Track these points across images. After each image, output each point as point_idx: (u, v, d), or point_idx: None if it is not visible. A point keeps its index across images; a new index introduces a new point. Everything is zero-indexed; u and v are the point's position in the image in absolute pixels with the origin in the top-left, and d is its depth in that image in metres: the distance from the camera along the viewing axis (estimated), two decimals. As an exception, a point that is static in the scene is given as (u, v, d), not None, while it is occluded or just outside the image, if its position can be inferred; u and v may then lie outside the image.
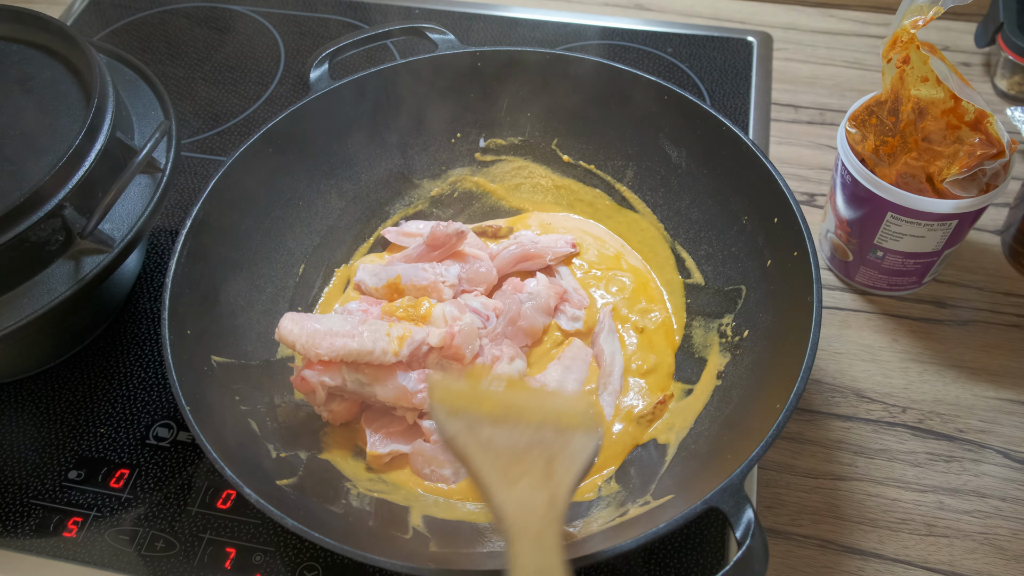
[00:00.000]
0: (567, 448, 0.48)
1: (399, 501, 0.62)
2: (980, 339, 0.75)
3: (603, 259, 0.76)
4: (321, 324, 0.62)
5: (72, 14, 1.06)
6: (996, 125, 0.64)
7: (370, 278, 0.72)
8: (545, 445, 0.47)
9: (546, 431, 0.48)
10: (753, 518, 0.49)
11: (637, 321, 0.72)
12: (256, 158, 0.71)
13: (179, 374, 0.58)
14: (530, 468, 0.46)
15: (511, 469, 0.45)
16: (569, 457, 0.47)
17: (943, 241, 0.70)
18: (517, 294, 0.71)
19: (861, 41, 1.02)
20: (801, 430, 0.70)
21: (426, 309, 0.66)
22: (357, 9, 1.06)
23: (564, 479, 0.46)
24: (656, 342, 0.71)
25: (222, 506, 0.65)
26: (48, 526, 0.65)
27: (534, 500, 0.44)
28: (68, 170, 0.61)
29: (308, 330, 0.62)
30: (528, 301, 0.70)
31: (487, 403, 0.49)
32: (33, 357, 0.72)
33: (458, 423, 0.48)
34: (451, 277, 0.71)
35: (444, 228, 0.72)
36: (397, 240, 0.78)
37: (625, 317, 0.72)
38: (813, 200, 0.86)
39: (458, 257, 0.73)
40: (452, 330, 0.64)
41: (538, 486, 0.45)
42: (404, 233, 0.78)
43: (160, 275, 0.80)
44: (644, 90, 0.74)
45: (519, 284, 0.72)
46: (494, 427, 0.48)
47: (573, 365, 0.69)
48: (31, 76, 0.69)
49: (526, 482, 0.45)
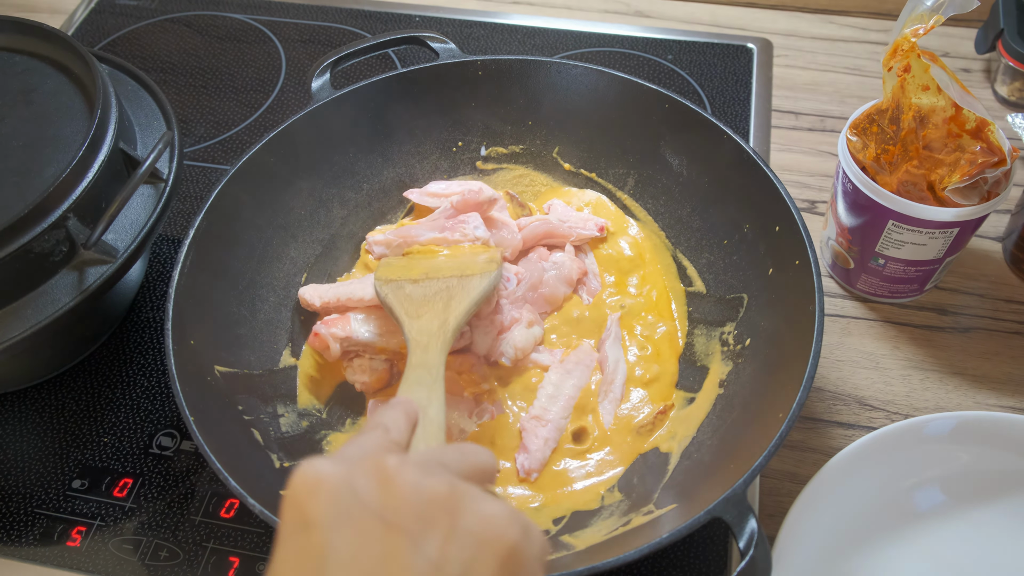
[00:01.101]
0: (464, 289, 0.62)
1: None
2: (982, 346, 0.75)
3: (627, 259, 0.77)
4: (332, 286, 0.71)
5: (73, 24, 1.07)
6: (997, 133, 0.64)
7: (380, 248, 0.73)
8: (448, 290, 0.62)
9: (452, 280, 0.63)
10: (756, 528, 0.49)
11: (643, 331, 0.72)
12: (258, 168, 0.71)
13: (182, 383, 0.58)
14: (433, 307, 0.60)
15: (419, 309, 0.60)
16: (464, 294, 0.61)
17: (944, 249, 0.70)
18: (542, 262, 0.72)
19: (862, 48, 1.02)
20: (803, 438, 0.70)
21: None
22: (358, 18, 1.06)
23: (457, 308, 0.60)
24: (661, 351, 0.71)
25: (225, 515, 0.65)
26: (52, 535, 0.65)
27: (431, 324, 0.58)
28: (71, 181, 0.62)
29: (321, 288, 0.71)
30: (552, 270, 0.71)
31: (413, 271, 0.65)
32: (37, 367, 0.73)
33: (389, 287, 0.63)
34: (481, 233, 0.70)
35: (476, 194, 0.72)
36: (421, 200, 0.78)
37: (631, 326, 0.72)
38: (814, 207, 0.86)
39: (486, 223, 0.73)
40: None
41: (436, 316, 0.59)
42: (429, 193, 0.78)
43: (163, 285, 0.80)
44: (645, 98, 0.75)
45: (545, 253, 0.73)
46: (414, 285, 0.63)
47: (575, 370, 0.69)
48: (33, 87, 0.69)
49: (428, 315, 0.59)
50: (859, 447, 0.63)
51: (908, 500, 0.64)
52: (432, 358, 0.55)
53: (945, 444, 0.65)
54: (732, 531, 0.49)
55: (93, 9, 1.08)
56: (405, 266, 0.67)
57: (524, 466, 0.64)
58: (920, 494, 0.64)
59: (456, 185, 0.78)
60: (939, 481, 0.65)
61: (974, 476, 0.65)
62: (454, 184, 0.79)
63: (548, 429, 0.65)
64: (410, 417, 0.45)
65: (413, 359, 0.55)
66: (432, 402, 0.49)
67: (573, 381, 0.68)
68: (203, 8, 1.08)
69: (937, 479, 0.65)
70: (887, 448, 0.64)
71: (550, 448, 0.65)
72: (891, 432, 0.64)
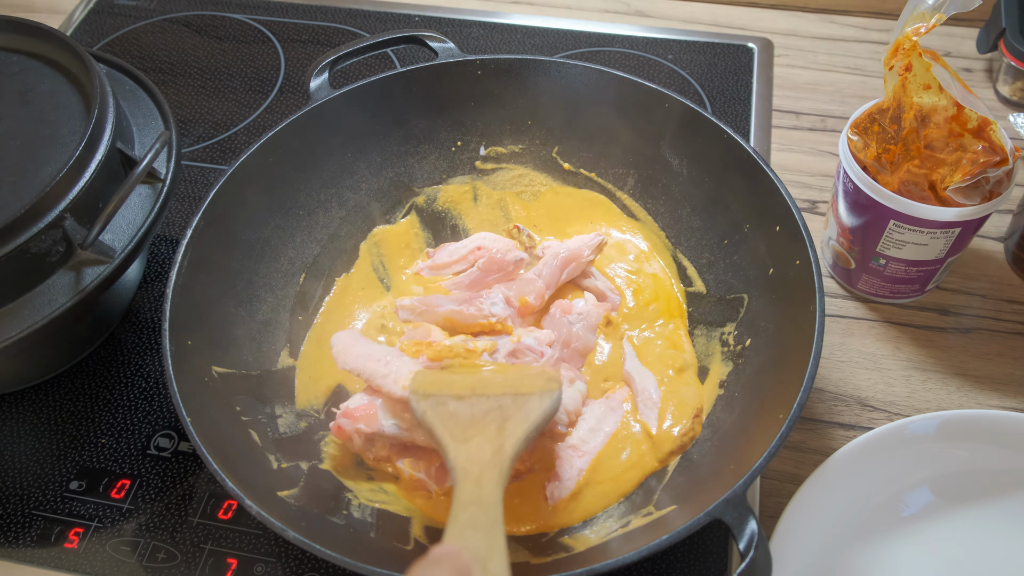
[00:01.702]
0: (522, 410, 0.53)
1: (400, 512, 0.62)
2: (984, 347, 0.75)
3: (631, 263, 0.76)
4: (364, 346, 0.64)
5: (72, 24, 1.06)
6: (999, 133, 0.64)
7: (405, 313, 0.70)
8: (502, 410, 0.53)
9: (505, 399, 0.54)
10: (756, 530, 0.49)
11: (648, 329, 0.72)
12: (256, 167, 0.70)
13: (180, 384, 0.58)
14: (484, 429, 0.51)
15: (467, 431, 0.51)
16: (523, 416, 0.53)
17: (946, 249, 0.69)
18: (566, 316, 0.70)
19: (862, 47, 1.02)
20: (804, 439, 0.70)
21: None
22: (357, 17, 1.06)
23: (514, 433, 0.51)
24: (675, 341, 0.71)
25: (223, 516, 0.65)
26: (49, 537, 0.65)
27: (483, 451, 0.49)
28: (68, 181, 0.61)
29: (348, 344, 0.65)
30: (578, 323, 0.70)
31: (455, 386, 0.56)
32: (34, 368, 0.72)
33: (428, 403, 0.55)
34: (499, 311, 0.68)
35: (503, 254, 0.71)
36: (432, 276, 0.76)
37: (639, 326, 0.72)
38: (815, 207, 0.86)
39: (506, 278, 0.72)
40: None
41: (488, 441, 0.50)
42: (437, 266, 0.76)
43: (161, 285, 0.80)
44: (645, 98, 0.74)
45: (567, 306, 0.71)
46: (458, 402, 0.54)
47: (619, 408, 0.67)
48: (31, 87, 0.69)
49: (478, 439, 0.50)
50: (851, 449, 0.63)
51: (899, 501, 0.64)
52: (487, 493, 0.46)
53: (932, 444, 0.65)
54: (732, 533, 0.49)
55: (92, 9, 1.08)
56: (446, 380, 0.58)
57: (553, 495, 0.62)
58: (911, 495, 0.64)
59: (462, 246, 0.76)
60: (929, 481, 0.65)
61: (964, 475, 0.65)
62: (460, 245, 0.76)
63: (584, 460, 0.64)
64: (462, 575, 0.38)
65: (463, 494, 0.46)
66: (493, 553, 0.40)
67: (615, 417, 0.67)
68: (202, 8, 1.08)
69: (927, 479, 0.65)
70: (877, 450, 0.64)
71: (580, 477, 0.63)
72: (878, 435, 0.64)
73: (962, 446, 0.65)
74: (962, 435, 0.65)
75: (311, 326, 0.73)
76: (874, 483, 0.64)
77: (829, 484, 0.62)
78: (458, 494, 0.46)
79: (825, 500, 0.62)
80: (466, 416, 0.53)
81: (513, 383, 0.57)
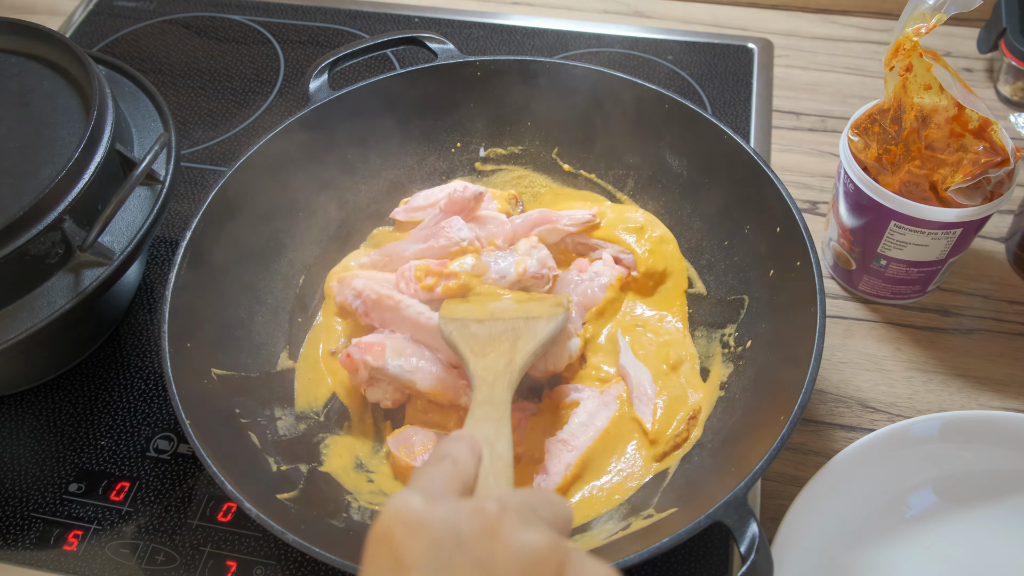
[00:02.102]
0: (531, 330, 0.62)
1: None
2: (985, 348, 0.75)
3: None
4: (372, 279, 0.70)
5: (71, 25, 1.06)
6: (1000, 133, 0.64)
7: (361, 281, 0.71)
8: (515, 330, 0.62)
9: (518, 322, 0.63)
10: (758, 532, 0.48)
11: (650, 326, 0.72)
12: (255, 169, 0.70)
13: (179, 386, 0.58)
14: (499, 346, 0.60)
15: (484, 348, 0.60)
16: (532, 335, 0.61)
17: (947, 249, 0.69)
18: (582, 274, 0.72)
19: (863, 47, 1.02)
20: (805, 440, 0.70)
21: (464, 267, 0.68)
22: (356, 19, 1.06)
23: (524, 349, 0.60)
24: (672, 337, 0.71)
25: (223, 519, 0.65)
26: (48, 539, 0.65)
27: (497, 363, 0.58)
28: (67, 183, 0.61)
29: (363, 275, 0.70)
30: (590, 280, 0.71)
31: (476, 312, 0.65)
32: (33, 370, 0.72)
33: (454, 325, 0.63)
34: (466, 233, 0.70)
35: (462, 192, 0.71)
36: (408, 217, 0.77)
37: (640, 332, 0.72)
38: (815, 208, 0.86)
39: (474, 221, 0.72)
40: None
41: (502, 355, 0.59)
42: (413, 208, 0.77)
43: (160, 287, 0.80)
44: (645, 99, 0.74)
45: (584, 264, 0.73)
46: (479, 324, 0.63)
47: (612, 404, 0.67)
48: (30, 88, 0.69)
49: (494, 354, 0.59)
50: (853, 451, 0.63)
51: (902, 503, 0.64)
52: (499, 395, 0.54)
53: (935, 445, 0.65)
54: (733, 535, 0.49)
55: (91, 11, 1.08)
56: (470, 307, 0.66)
57: (541, 486, 0.63)
58: (914, 497, 0.64)
59: (438, 191, 0.77)
60: (932, 483, 0.65)
61: (967, 476, 0.65)
62: (435, 190, 0.77)
63: (573, 455, 0.64)
64: (475, 451, 0.44)
65: (479, 395, 0.54)
66: (500, 438, 0.48)
67: (607, 414, 0.67)
68: (201, 9, 1.08)
69: (930, 481, 0.65)
70: (879, 452, 0.64)
71: (568, 473, 0.63)
72: (880, 436, 0.64)
73: (965, 447, 0.65)
74: (965, 436, 0.65)
75: (311, 328, 0.73)
76: (876, 485, 0.64)
77: (831, 486, 0.62)
78: (475, 396, 0.55)
79: (827, 502, 0.62)
80: (484, 336, 0.61)
81: (526, 309, 0.65)
